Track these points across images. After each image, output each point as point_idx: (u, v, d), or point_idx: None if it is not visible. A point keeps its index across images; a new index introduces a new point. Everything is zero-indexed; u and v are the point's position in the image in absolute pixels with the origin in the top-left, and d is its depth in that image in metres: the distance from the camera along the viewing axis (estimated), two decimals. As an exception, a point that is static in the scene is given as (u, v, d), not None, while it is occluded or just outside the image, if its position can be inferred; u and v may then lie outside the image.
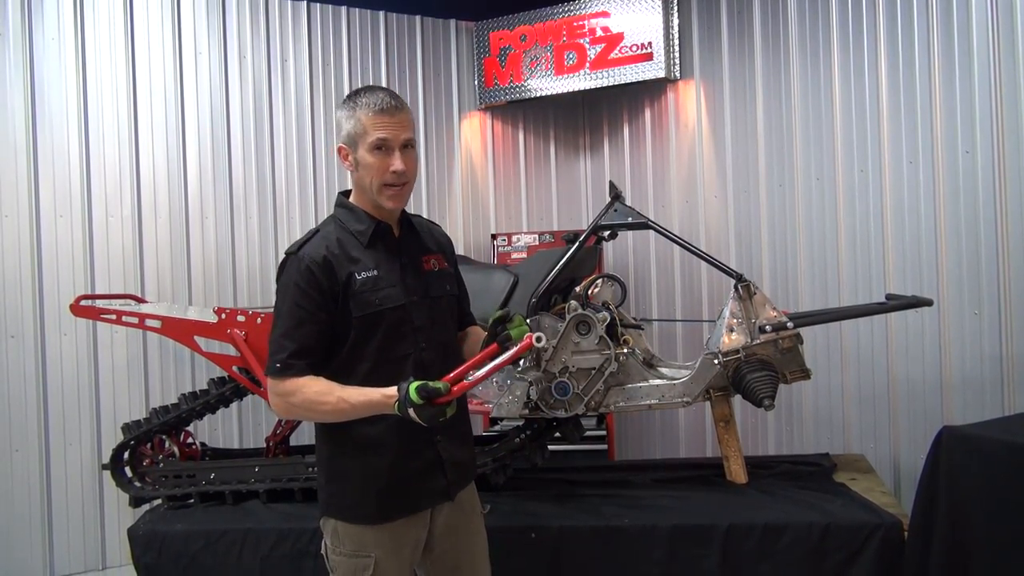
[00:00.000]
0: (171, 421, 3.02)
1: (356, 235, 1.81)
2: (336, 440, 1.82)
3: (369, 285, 1.76)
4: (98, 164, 3.78)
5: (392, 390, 1.62)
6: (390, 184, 1.76)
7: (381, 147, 1.74)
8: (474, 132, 4.89)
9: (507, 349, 1.68)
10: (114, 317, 3.04)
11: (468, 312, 2.06)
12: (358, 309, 1.74)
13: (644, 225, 2.86)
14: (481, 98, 4.76)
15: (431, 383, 1.56)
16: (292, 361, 1.71)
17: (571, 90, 4.54)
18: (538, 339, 1.62)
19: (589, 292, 2.87)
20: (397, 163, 1.75)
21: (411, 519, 1.82)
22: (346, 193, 1.89)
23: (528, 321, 1.73)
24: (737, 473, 2.77)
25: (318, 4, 4.37)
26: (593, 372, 2.68)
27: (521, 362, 2.70)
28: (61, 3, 3.70)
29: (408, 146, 1.77)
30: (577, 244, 2.82)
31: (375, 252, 1.81)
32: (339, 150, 1.82)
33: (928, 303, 2.76)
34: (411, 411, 1.57)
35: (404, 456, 1.80)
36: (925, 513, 2.22)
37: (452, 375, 1.65)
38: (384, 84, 4.53)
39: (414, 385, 1.57)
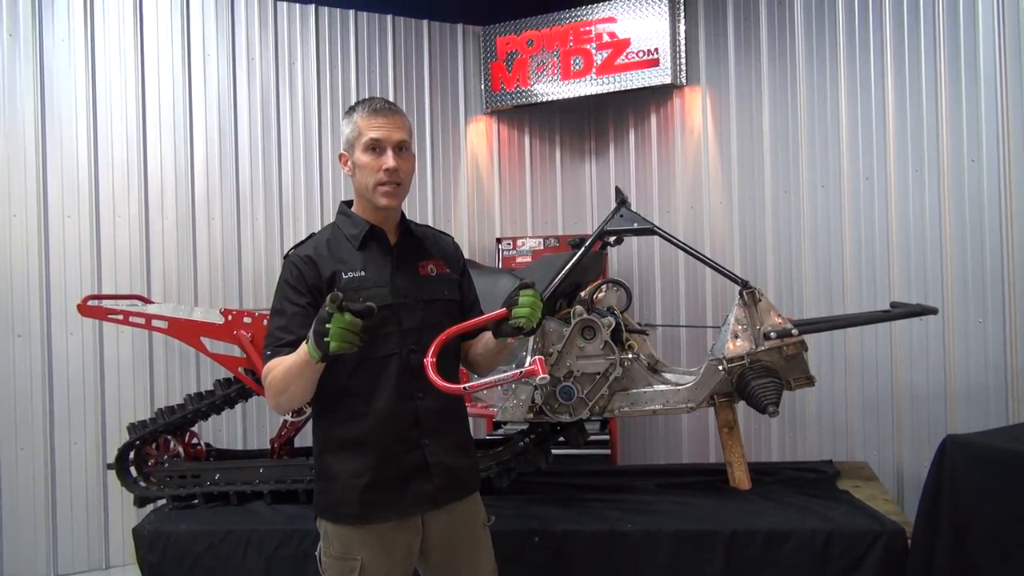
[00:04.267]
0: (176, 421, 3.02)
1: (349, 238, 1.85)
2: (324, 438, 1.86)
3: (354, 284, 1.79)
4: (106, 165, 3.81)
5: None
6: (383, 183, 1.80)
7: (375, 147, 1.79)
8: (480, 136, 4.90)
9: (510, 322, 1.70)
10: (121, 317, 3.05)
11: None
12: None
13: (650, 231, 2.87)
14: (487, 102, 4.78)
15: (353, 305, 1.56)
16: (280, 349, 1.75)
17: (577, 95, 4.56)
18: (541, 380, 1.61)
19: (594, 297, 2.88)
20: (389, 161, 1.78)
21: (399, 523, 1.82)
22: (349, 203, 1.94)
23: (540, 302, 1.73)
24: (741, 479, 2.77)
25: (326, 7, 4.39)
26: (598, 377, 2.69)
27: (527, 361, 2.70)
28: (71, 5, 3.73)
29: (402, 148, 1.82)
30: (583, 249, 2.83)
31: (366, 254, 1.84)
32: (340, 157, 1.89)
33: (933, 311, 2.76)
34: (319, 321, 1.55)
35: (387, 458, 1.80)
36: (928, 521, 2.22)
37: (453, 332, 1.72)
38: (391, 88, 4.56)
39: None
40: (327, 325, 1.54)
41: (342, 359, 1.71)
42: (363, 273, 1.81)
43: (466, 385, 1.61)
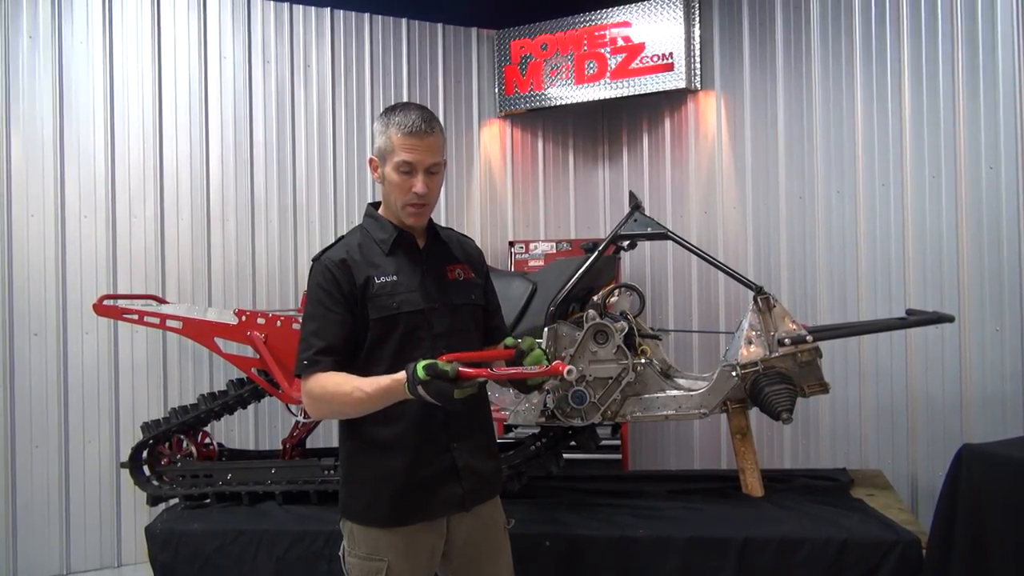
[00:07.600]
0: (189, 421, 3.04)
1: (379, 243, 1.85)
2: (353, 440, 1.85)
3: (388, 289, 1.79)
4: (123, 165, 3.84)
5: (400, 373, 1.62)
6: (411, 204, 1.80)
7: (408, 170, 1.78)
8: (493, 139, 4.91)
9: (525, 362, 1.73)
10: (136, 317, 3.07)
11: (498, 326, 2.04)
12: (375, 312, 1.78)
13: (663, 235, 2.86)
14: (501, 106, 4.78)
15: (439, 364, 1.56)
16: (318, 358, 1.74)
17: (591, 99, 4.55)
18: (569, 372, 1.60)
19: (607, 301, 2.87)
20: (419, 186, 1.78)
21: (426, 525, 1.83)
22: (376, 204, 1.94)
23: (544, 340, 1.75)
24: (753, 486, 2.75)
25: (341, 11, 4.41)
26: (610, 381, 2.68)
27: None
28: (90, 7, 3.77)
29: (432, 171, 1.80)
30: (596, 253, 2.82)
31: (396, 259, 1.84)
32: (370, 161, 1.87)
33: (949, 319, 2.73)
34: (420, 388, 1.56)
35: (419, 461, 1.81)
36: (944, 531, 2.19)
37: (459, 358, 1.64)
38: (405, 91, 4.58)
39: (421, 364, 1.56)
40: (455, 387, 1.54)
41: (376, 364, 1.76)
42: (395, 278, 1.81)
43: (492, 367, 1.62)
